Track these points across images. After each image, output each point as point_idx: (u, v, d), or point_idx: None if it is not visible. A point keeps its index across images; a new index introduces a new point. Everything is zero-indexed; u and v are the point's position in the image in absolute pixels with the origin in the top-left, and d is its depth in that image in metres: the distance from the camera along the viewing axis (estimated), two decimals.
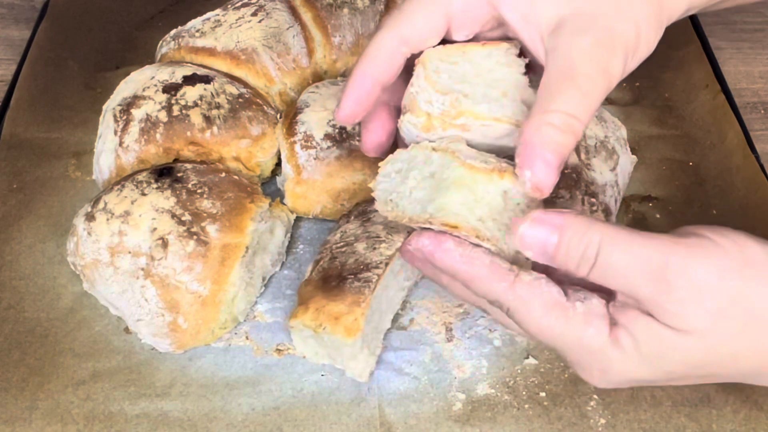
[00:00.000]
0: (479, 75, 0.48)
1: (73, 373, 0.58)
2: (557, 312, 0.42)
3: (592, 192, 0.62)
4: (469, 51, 0.48)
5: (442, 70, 0.48)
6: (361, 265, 0.56)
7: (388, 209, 0.48)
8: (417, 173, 0.47)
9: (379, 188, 0.49)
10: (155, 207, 0.58)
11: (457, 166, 0.45)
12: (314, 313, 0.55)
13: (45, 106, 0.77)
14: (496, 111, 0.46)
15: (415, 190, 0.47)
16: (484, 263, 0.44)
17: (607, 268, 0.40)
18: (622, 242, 0.40)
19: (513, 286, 0.43)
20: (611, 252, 0.40)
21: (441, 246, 0.44)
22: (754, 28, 0.87)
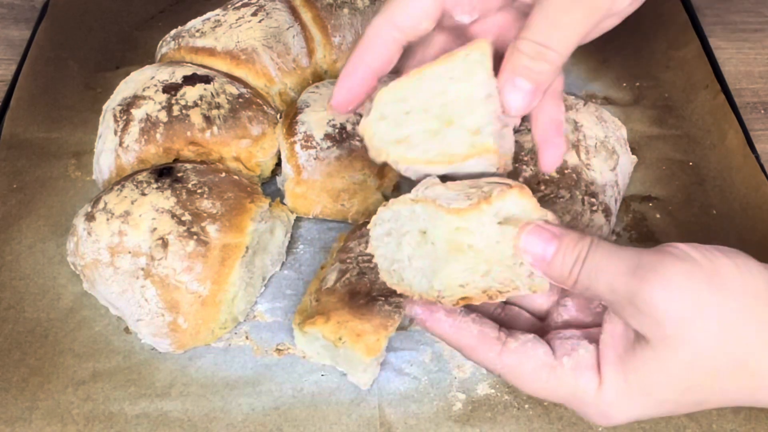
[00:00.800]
0: (426, 107, 0.47)
1: (73, 373, 0.58)
2: (546, 373, 0.44)
3: (592, 192, 0.62)
4: (424, 75, 0.47)
5: (387, 114, 0.47)
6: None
7: (394, 282, 0.48)
8: (409, 237, 0.47)
9: (378, 254, 0.49)
10: (155, 207, 0.58)
11: (443, 215, 0.44)
12: (336, 326, 0.55)
13: (45, 106, 0.77)
14: (431, 150, 0.46)
15: (414, 259, 0.47)
16: (472, 333, 0.45)
17: (593, 269, 0.42)
18: (606, 247, 0.42)
19: (500, 356, 0.44)
20: (596, 254, 0.42)
21: (432, 315, 0.46)
22: (754, 28, 0.87)
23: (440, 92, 0.47)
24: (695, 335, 0.40)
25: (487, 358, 0.45)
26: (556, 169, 0.62)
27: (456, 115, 0.46)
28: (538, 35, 0.44)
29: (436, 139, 0.47)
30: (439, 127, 0.47)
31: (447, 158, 0.47)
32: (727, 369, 0.41)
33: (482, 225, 0.44)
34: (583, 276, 0.42)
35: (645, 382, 0.42)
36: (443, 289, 0.45)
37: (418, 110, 0.47)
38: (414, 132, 0.47)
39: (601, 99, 0.79)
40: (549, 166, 0.49)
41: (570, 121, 0.65)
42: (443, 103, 0.47)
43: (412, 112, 0.47)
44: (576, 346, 0.44)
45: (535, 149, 0.49)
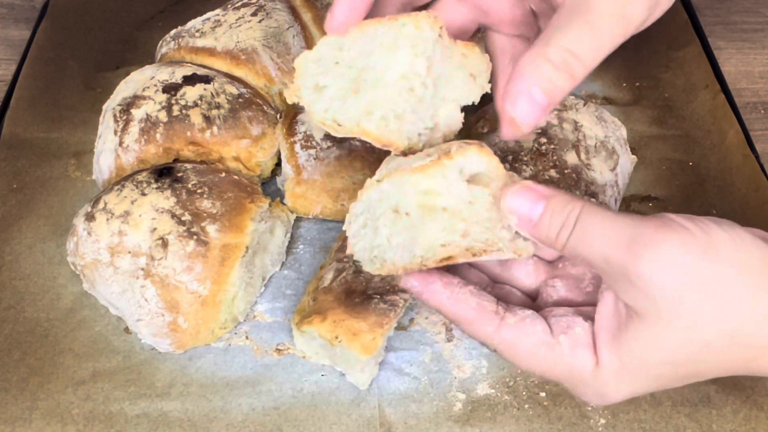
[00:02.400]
0: (351, 64, 0.45)
1: (73, 373, 0.58)
2: (543, 350, 0.43)
3: (592, 192, 0.62)
4: (366, 30, 0.45)
5: (322, 56, 0.45)
6: (388, 285, 0.56)
7: (377, 267, 0.46)
8: (384, 220, 0.45)
9: (357, 249, 0.47)
10: (155, 207, 0.58)
11: (408, 178, 0.43)
12: (332, 325, 0.55)
13: (45, 106, 0.77)
14: (332, 110, 0.45)
15: (392, 237, 0.45)
16: (470, 306, 0.44)
17: (584, 236, 0.41)
18: (599, 214, 0.41)
19: (498, 330, 0.43)
20: (588, 220, 0.41)
21: (428, 287, 0.45)
22: (754, 28, 0.87)
23: (368, 53, 0.45)
24: (690, 309, 0.39)
25: (484, 332, 0.44)
26: (556, 170, 0.62)
27: (363, 84, 0.44)
28: (572, 42, 0.40)
29: (341, 102, 0.45)
30: (348, 90, 0.45)
31: (336, 126, 0.45)
32: (721, 341, 0.40)
33: (450, 184, 0.43)
34: (573, 241, 0.41)
35: (640, 360, 0.41)
36: (425, 252, 0.43)
37: (344, 64, 0.45)
38: (329, 85, 0.45)
39: (601, 99, 0.79)
40: (507, 135, 0.45)
41: (570, 121, 0.65)
42: (364, 66, 0.45)
43: (340, 64, 0.45)
44: (572, 323, 0.43)
45: (534, 149, 0.49)
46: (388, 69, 0.44)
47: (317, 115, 0.46)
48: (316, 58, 0.46)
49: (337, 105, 0.45)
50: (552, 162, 0.62)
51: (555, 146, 0.63)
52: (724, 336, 0.40)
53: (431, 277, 0.45)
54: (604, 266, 0.41)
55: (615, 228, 0.40)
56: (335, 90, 0.45)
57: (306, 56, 0.46)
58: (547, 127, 0.64)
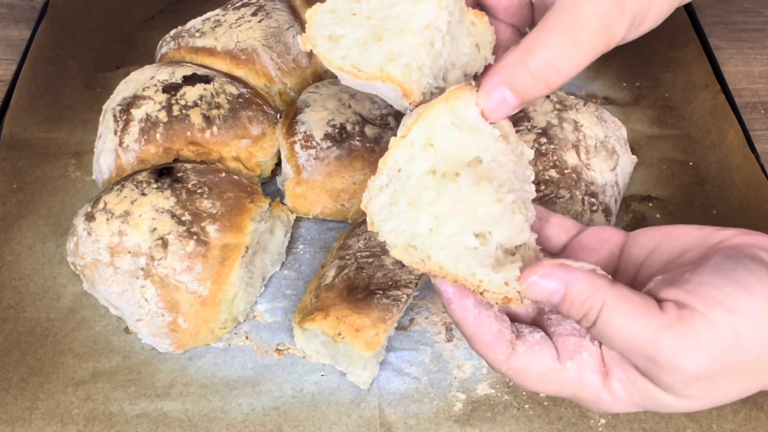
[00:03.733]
0: (371, 14, 0.44)
1: (73, 373, 0.58)
2: (551, 376, 0.44)
3: (592, 192, 0.62)
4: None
5: (338, 7, 0.45)
6: (390, 281, 0.56)
7: (415, 260, 0.43)
8: (425, 190, 0.42)
9: (385, 229, 0.43)
10: (155, 207, 0.58)
11: (440, 110, 0.42)
12: (334, 322, 0.55)
13: (45, 106, 0.77)
14: (350, 57, 0.44)
15: (443, 221, 0.42)
16: (491, 331, 0.44)
17: (606, 333, 0.41)
18: (621, 312, 0.40)
19: (509, 360, 0.44)
20: (610, 320, 0.41)
21: (461, 301, 0.44)
22: (754, 28, 0.87)
23: (390, 4, 0.44)
24: (715, 388, 0.40)
25: (496, 359, 0.45)
26: (556, 170, 0.62)
27: (386, 32, 0.43)
28: (555, 55, 0.42)
29: (362, 49, 0.44)
30: (369, 38, 0.44)
31: (356, 72, 0.43)
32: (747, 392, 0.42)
33: (482, 122, 0.43)
34: (594, 334, 0.42)
35: (650, 405, 0.43)
36: (486, 281, 0.42)
37: (363, 15, 0.44)
38: (346, 34, 0.44)
39: (601, 99, 0.79)
40: None
41: (570, 121, 0.65)
42: (386, 16, 0.44)
43: (358, 15, 0.44)
44: (579, 347, 0.44)
45: (534, 149, 0.49)
46: (413, 18, 0.43)
47: (334, 62, 0.45)
48: (332, 8, 0.45)
49: (357, 53, 0.44)
50: (552, 162, 0.62)
51: (555, 146, 0.63)
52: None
53: (467, 292, 0.45)
54: (627, 354, 0.41)
55: (637, 333, 0.40)
56: (353, 39, 0.44)
57: (320, 7, 0.45)
58: (547, 127, 0.64)
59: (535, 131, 0.64)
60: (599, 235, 0.48)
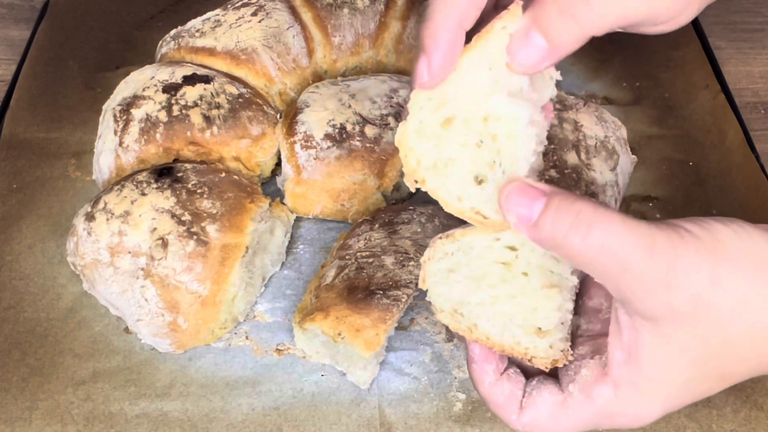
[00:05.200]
0: (467, 117, 0.40)
1: (73, 373, 0.58)
2: (560, 410, 0.43)
3: (592, 192, 0.62)
4: (462, 64, 0.40)
5: (425, 124, 0.41)
6: (390, 281, 0.56)
7: (462, 327, 0.43)
8: (493, 278, 0.42)
9: (435, 292, 0.43)
10: (155, 207, 0.58)
11: None
12: (334, 321, 0.55)
13: (45, 106, 0.77)
14: (466, 197, 0.41)
15: (498, 303, 0.42)
16: (503, 393, 0.45)
17: (599, 240, 0.38)
18: (616, 218, 0.38)
19: (519, 418, 0.45)
20: (606, 224, 0.38)
21: (483, 365, 0.45)
22: (754, 28, 0.87)
23: (482, 92, 0.40)
24: (707, 307, 0.39)
25: (508, 419, 0.45)
26: (556, 170, 0.62)
27: (500, 151, 0.40)
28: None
29: (475, 187, 0.40)
30: (480, 163, 0.40)
31: (479, 220, 0.41)
32: (743, 337, 0.40)
33: None
34: (583, 246, 0.39)
35: (661, 368, 0.41)
36: (532, 348, 0.43)
37: (459, 120, 0.40)
38: (454, 158, 0.40)
39: (601, 99, 0.79)
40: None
41: (570, 121, 0.65)
42: (485, 114, 0.40)
43: (454, 123, 0.40)
44: (578, 368, 0.43)
45: None
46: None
47: None
48: (420, 126, 0.41)
49: (461, 190, 0.41)
50: (552, 162, 0.62)
51: (555, 146, 0.63)
52: (744, 332, 0.40)
53: (491, 357, 0.45)
54: (617, 273, 0.39)
55: (633, 234, 0.38)
56: (459, 168, 0.41)
57: (408, 133, 0.41)
58: None
59: None
60: None
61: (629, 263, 0.39)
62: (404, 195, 0.69)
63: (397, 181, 0.66)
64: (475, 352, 0.45)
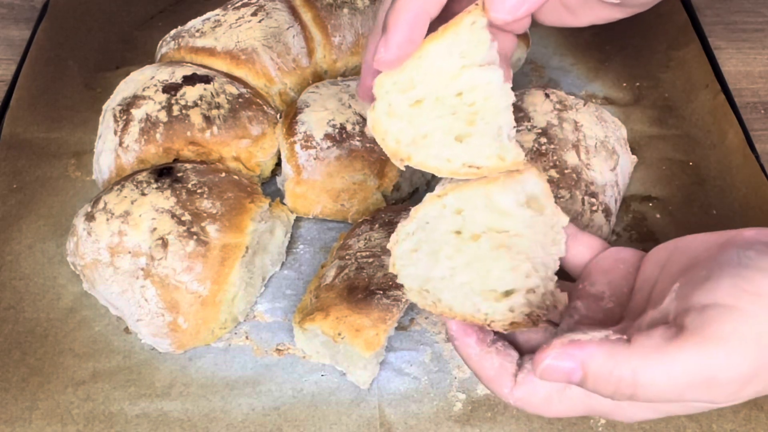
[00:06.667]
0: (439, 95, 0.42)
1: (73, 373, 0.58)
2: (557, 396, 0.43)
3: (592, 192, 0.62)
4: (429, 52, 0.41)
5: (395, 106, 0.42)
6: (391, 281, 0.56)
7: (428, 303, 0.44)
8: (446, 245, 0.43)
9: (404, 274, 0.44)
10: (155, 207, 0.58)
11: (477, 191, 0.42)
12: (334, 322, 0.55)
13: (45, 106, 0.77)
14: (456, 157, 0.42)
15: (457, 273, 0.43)
16: (493, 366, 0.45)
17: (653, 394, 0.37)
18: (657, 366, 0.37)
19: (512, 392, 0.44)
20: (651, 381, 0.37)
21: (464, 339, 0.45)
22: (754, 28, 0.87)
23: (452, 75, 0.41)
24: None
25: (501, 392, 0.45)
26: (556, 170, 0.62)
27: (477, 113, 0.41)
28: None
29: (459, 144, 0.42)
30: (459, 126, 0.42)
31: (474, 171, 0.42)
32: None
33: (517, 206, 0.43)
34: (641, 399, 0.38)
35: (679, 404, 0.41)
36: (491, 312, 0.43)
37: (430, 100, 0.42)
38: (432, 129, 0.42)
39: (601, 99, 0.79)
40: None
41: (570, 121, 0.65)
42: (458, 90, 0.41)
43: (425, 102, 0.42)
44: None
45: (534, 149, 0.49)
46: (489, 81, 0.42)
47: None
48: (389, 109, 0.42)
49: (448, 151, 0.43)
50: (552, 162, 0.62)
51: (555, 146, 0.63)
52: None
53: (470, 330, 0.45)
54: (690, 398, 0.38)
55: (685, 373, 0.36)
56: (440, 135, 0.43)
57: (378, 117, 0.42)
58: (547, 127, 0.64)
59: (535, 131, 0.64)
60: (616, 255, 0.47)
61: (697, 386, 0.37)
62: (404, 195, 0.69)
63: (397, 181, 0.67)
64: (452, 329, 0.45)
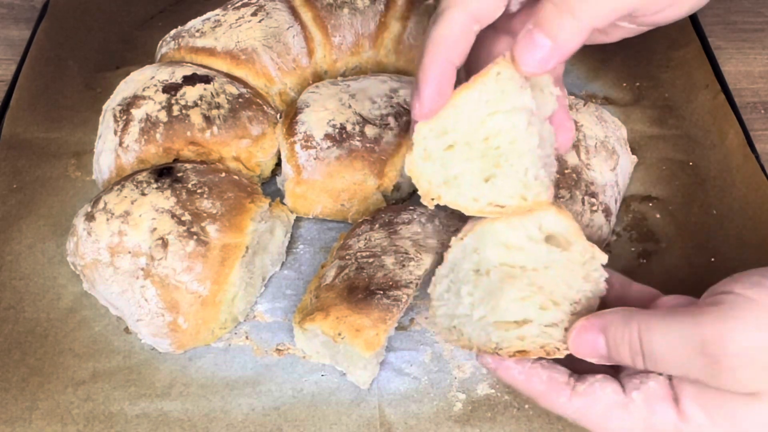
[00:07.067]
0: (469, 140, 0.46)
1: (73, 373, 0.58)
2: (618, 411, 0.43)
3: (592, 192, 0.62)
4: (460, 101, 0.45)
5: (431, 151, 0.46)
6: (390, 281, 0.56)
7: (453, 338, 0.49)
8: (466, 283, 0.48)
9: (440, 314, 0.50)
10: (155, 207, 0.58)
11: (488, 228, 0.47)
12: (334, 322, 0.55)
13: (45, 106, 0.77)
14: (482, 197, 0.46)
15: (475, 308, 0.47)
16: (541, 380, 0.45)
17: (654, 357, 0.41)
18: (657, 328, 0.40)
19: (570, 400, 0.44)
20: (651, 341, 0.41)
21: (501, 364, 0.47)
22: (754, 28, 0.87)
23: (479, 121, 0.45)
24: None
25: (557, 403, 0.45)
26: (556, 169, 0.62)
27: (502, 155, 0.45)
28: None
29: (485, 183, 0.46)
30: (486, 167, 0.46)
31: (500, 210, 0.46)
32: None
33: (530, 239, 0.47)
34: (649, 365, 0.41)
35: (731, 422, 0.41)
36: (500, 341, 0.46)
37: (461, 144, 0.46)
38: (461, 172, 0.46)
39: (601, 99, 0.79)
40: (564, 148, 0.49)
41: None
42: (485, 135, 0.45)
43: (456, 147, 0.46)
44: (645, 379, 0.43)
45: None
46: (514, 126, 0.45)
47: None
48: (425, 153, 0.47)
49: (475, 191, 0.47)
50: None
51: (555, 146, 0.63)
52: None
53: (504, 359, 0.47)
54: (687, 375, 0.40)
55: (679, 339, 0.39)
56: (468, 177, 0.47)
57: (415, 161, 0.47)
58: None
59: None
60: (673, 302, 0.47)
61: (688, 369, 0.39)
62: (404, 195, 0.69)
63: (397, 181, 0.66)
64: (488, 362, 0.48)
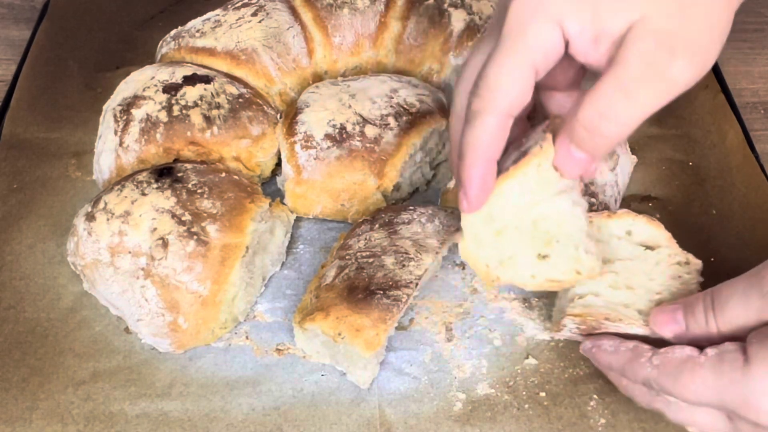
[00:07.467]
0: (517, 225, 0.49)
1: (73, 373, 0.58)
2: (690, 364, 0.45)
3: (592, 192, 0.62)
4: (503, 191, 0.48)
5: (481, 237, 0.50)
6: (390, 281, 0.56)
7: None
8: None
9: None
10: (155, 207, 0.58)
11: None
12: (334, 322, 0.55)
13: (45, 106, 0.77)
14: (539, 274, 0.50)
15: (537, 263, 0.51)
16: (628, 347, 0.50)
17: (725, 309, 0.45)
18: (726, 284, 0.46)
19: (651, 359, 0.47)
20: (721, 292, 0.46)
21: (595, 342, 0.52)
22: (754, 28, 0.87)
23: (525, 208, 0.49)
24: None
25: (639, 364, 0.48)
26: None
27: (552, 237, 0.50)
28: (602, 104, 0.44)
29: (540, 261, 0.50)
30: (539, 246, 0.50)
31: (556, 284, 0.50)
32: None
33: (615, 238, 0.54)
34: (720, 319, 0.46)
35: None
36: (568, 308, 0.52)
37: (510, 229, 0.50)
38: (515, 253, 0.50)
39: None
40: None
41: None
42: (533, 219, 0.49)
43: (505, 232, 0.50)
44: (721, 346, 0.46)
45: None
46: (560, 210, 0.50)
47: None
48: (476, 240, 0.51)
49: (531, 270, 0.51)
50: None
51: None
52: None
53: (599, 341, 0.52)
54: (756, 319, 0.45)
55: (746, 286, 0.45)
56: (524, 257, 0.51)
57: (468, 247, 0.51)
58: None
59: None
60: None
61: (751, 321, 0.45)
62: (404, 195, 0.69)
63: (397, 181, 0.66)
64: (588, 345, 0.52)
